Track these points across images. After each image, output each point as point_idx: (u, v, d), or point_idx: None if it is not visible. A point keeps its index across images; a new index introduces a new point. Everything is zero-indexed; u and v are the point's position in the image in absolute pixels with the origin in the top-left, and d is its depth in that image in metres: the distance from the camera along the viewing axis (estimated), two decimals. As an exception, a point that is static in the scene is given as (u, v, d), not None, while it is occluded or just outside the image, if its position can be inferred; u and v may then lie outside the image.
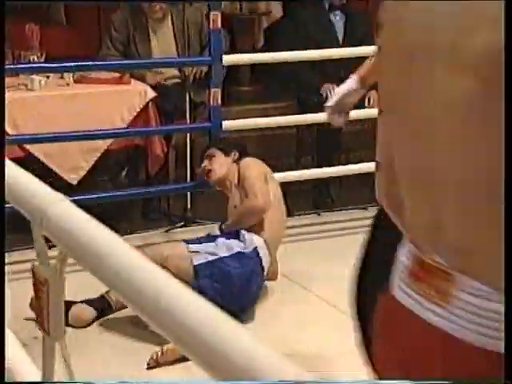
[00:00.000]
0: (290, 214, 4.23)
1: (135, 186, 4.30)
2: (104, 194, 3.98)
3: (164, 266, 2.88)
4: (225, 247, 3.18)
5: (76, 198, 2.55)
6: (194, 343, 0.80)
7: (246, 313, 3.14)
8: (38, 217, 1.15)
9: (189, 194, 4.22)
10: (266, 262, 3.26)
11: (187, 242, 3.26)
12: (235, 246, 3.20)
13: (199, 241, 3.28)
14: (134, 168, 4.39)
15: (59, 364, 1.33)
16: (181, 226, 4.18)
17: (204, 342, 0.78)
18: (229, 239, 3.22)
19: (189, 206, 4.24)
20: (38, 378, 1.69)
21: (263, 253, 3.25)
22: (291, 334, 3.04)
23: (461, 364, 1.02)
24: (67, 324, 3.10)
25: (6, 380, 1.60)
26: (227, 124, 3.94)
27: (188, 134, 4.23)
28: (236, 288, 3.08)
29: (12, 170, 1.33)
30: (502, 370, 0.93)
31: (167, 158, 4.30)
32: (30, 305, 3.12)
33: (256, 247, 3.23)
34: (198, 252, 3.15)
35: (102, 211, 2.91)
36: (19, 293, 3.27)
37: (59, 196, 1.17)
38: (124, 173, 4.36)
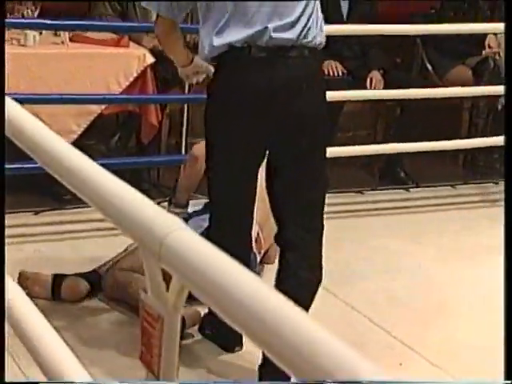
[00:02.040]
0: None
1: (126, 152, 4.13)
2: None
3: None
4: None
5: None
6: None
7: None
8: (155, 246, 1.00)
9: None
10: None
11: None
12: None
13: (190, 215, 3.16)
14: (126, 134, 4.22)
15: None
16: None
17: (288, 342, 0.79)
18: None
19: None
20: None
21: None
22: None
23: None
24: (60, 298, 2.97)
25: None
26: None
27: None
28: None
29: (123, 188, 1.16)
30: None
31: (161, 127, 4.14)
32: (18, 279, 2.98)
33: None
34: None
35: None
36: (12, 261, 3.15)
37: (179, 223, 1.02)
38: (116, 138, 4.18)
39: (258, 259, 3.16)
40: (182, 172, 3.46)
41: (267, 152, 2.38)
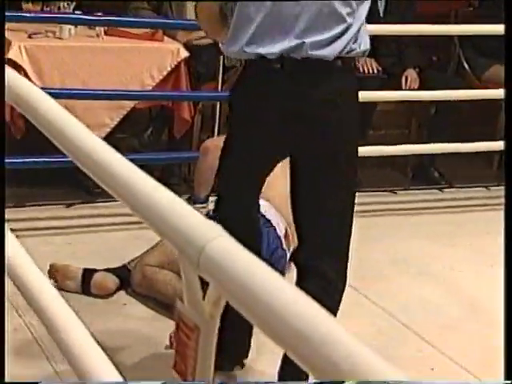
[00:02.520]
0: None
1: (158, 146, 4.13)
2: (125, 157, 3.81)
3: None
4: None
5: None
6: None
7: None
8: (194, 254, 0.98)
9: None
10: (277, 221, 3.06)
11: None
12: None
13: None
14: (159, 129, 4.22)
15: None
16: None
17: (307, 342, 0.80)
18: None
19: (212, 173, 4.07)
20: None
21: (272, 213, 3.03)
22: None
23: None
24: (89, 293, 2.97)
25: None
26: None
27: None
28: None
29: (161, 192, 1.14)
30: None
31: (193, 122, 4.13)
32: (49, 272, 2.99)
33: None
34: None
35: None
36: (42, 253, 3.16)
37: (219, 230, 1.00)
38: (148, 132, 4.18)
39: (288, 256, 3.12)
40: (195, 166, 3.43)
41: (290, 159, 2.26)
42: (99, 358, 1.38)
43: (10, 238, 1.75)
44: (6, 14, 3.65)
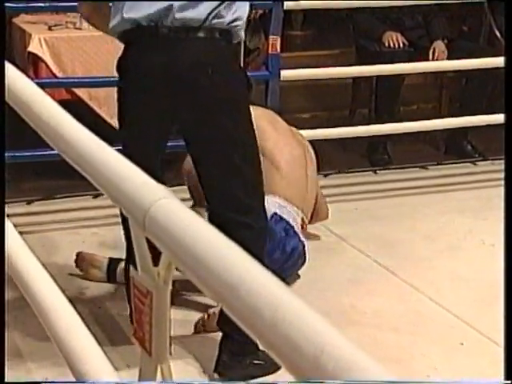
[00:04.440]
0: (343, 171, 4.04)
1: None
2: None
3: None
4: None
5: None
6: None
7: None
8: (140, 216, 0.95)
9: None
10: (294, 220, 2.97)
11: None
12: None
13: None
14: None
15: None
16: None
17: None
18: None
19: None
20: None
21: (287, 211, 2.96)
22: (344, 299, 2.86)
23: None
24: (115, 282, 2.95)
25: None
26: (286, 74, 3.71)
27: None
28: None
29: (110, 154, 1.12)
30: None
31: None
32: (75, 260, 3.00)
33: (275, 212, 2.87)
34: None
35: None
36: (69, 244, 3.17)
37: (164, 192, 0.96)
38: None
39: (306, 246, 3.02)
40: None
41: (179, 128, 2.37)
42: (98, 357, 1.35)
43: (10, 235, 1.74)
44: (25, 5, 3.71)
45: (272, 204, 2.85)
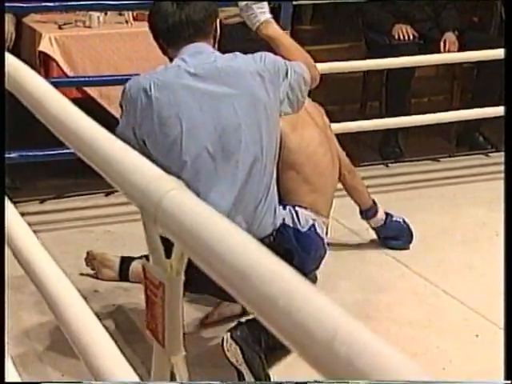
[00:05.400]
0: (354, 164, 4.02)
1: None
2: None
3: None
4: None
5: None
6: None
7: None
8: (151, 209, 0.95)
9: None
10: (322, 230, 2.95)
11: None
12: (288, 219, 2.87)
13: None
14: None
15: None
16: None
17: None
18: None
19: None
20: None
21: (318, 224, 2.95)
22: (358, 294, 2.86)
23: None
24: (128, 281, 2.96)
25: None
26: (295, 68, 3.68)
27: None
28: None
29: (120, 148, 1.12)
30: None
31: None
32: (86, 259, 3.00)
33: (313, 225, 2.79)
34: None
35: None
36: (82, 242, 3.17)
37: (174, 183, 0.96)
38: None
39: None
40: None
41: None
42: (113, 353, 1.34)
43: (25, 233, 1.74)
44: (35, 4, 3.70)
45: (307, 216, 2.83)
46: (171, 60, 2.42)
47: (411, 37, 4.21)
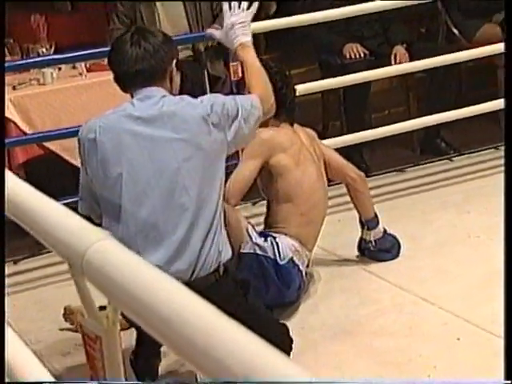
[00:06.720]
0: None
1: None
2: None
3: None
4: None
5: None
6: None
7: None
8: (78, 262, 0.96)
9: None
10: (303, 263, 2.96)
11: None
12: (269, 250, 2.87)
13: None
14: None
15: None
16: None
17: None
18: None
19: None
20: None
21: (299, 256, 2.94)
22: (337, 311, 2.87)
23: None
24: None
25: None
26: (251, 98, 3.73)
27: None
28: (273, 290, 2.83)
29: (40, 200, 1.13)
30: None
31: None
32: (64, 315, 2.99)
33: (292, 258, 2.89)
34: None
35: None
36: (61, 297, 3.15)
37: (100, 234, 0.98)
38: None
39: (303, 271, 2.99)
40: None
41: None
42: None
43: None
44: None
45: (289, 247, 2.88)
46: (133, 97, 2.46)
47: (362, 54, 4.28)
